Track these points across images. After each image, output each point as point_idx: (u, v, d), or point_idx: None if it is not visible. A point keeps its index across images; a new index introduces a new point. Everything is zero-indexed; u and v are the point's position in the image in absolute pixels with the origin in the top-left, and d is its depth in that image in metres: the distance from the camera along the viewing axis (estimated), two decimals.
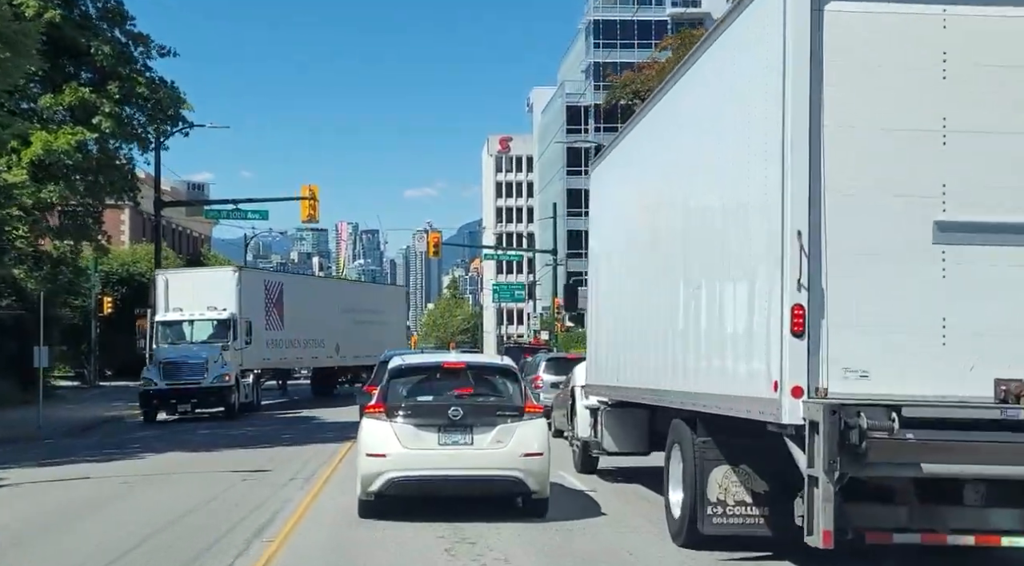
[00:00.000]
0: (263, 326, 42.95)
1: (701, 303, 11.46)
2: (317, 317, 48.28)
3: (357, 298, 55.89)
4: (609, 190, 17.27)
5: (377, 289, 67.98)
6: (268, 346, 43.71)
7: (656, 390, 13.72)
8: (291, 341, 46.20)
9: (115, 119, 47.31)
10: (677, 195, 12.52)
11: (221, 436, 29.78)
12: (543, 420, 14.63)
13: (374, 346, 52.52)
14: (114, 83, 47.32)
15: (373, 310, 55.62)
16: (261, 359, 42.85)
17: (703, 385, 11.36)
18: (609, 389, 17.15)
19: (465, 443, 14.06)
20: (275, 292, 45.23)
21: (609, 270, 17.18)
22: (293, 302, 46.17)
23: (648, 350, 14.28)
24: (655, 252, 13.84)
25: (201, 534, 13.54)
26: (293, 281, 51.08)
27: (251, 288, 42.33)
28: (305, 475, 19.93)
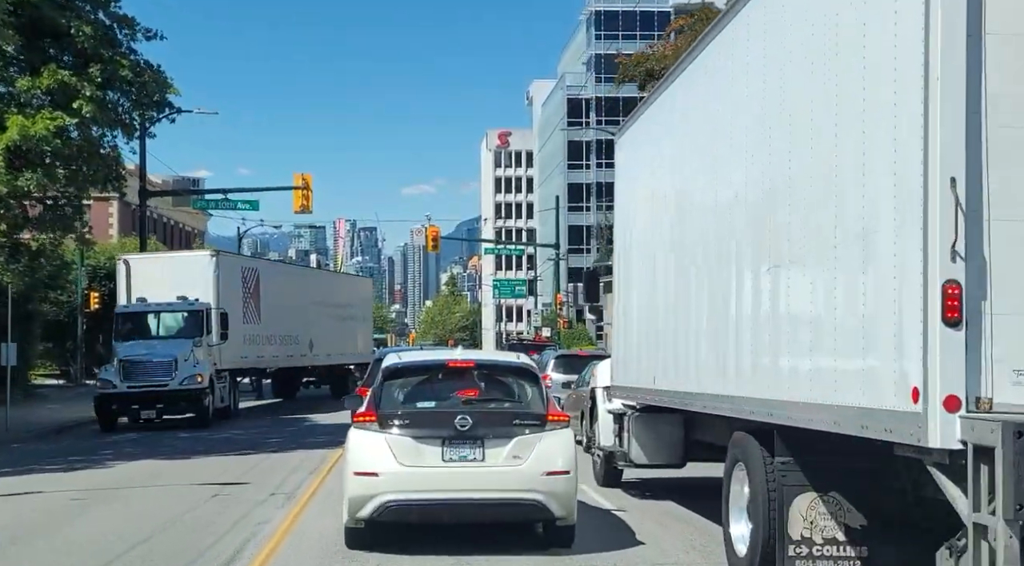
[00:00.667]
0: (240, 319, 37.17)
1: (783, 286, 8.91)
2: (292, 310, 43.24)
3: (328, 289, 49.81)
4: (643, 160, 14.66)
5: (345, 279, 58.69)
6: (245, 342, 38.10)
7: (708, 395, 11.20)
8: (268, 337, 40.63)
9: (96, 103, 44.56)
10: (745, 149, 9.93)
11: (202, 441, 27.24)
12: (569, 431, 12.10)
13: (345, 343, 48.84)
14: (96, 66, 44.60)
15: (342, 303, 50.25)
16: (238, 357, 37.28)
17: (786, 390, 8.83)
18: (641, 392, 14.63)
19: (475, 459, 11.55)
20: (252, 281, 39.30)
21: (643, 254, 14.61)
22: (269, 292, 40.58)
23: (696, 347, 11.76)
24: (709, 227, 11.29)
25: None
26: (268, 268, 44.24)
27: (229, 275, 36.86)
28: (288, 489, 17.43)
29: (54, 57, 46.25)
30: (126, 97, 48.73)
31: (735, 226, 10.18)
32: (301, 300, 44.06)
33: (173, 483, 18.42)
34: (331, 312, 47.20)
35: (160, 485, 18.21)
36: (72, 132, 43.59)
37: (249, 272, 39.37)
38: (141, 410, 31.76)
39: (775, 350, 9.09)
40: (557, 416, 11.97)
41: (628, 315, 15.62)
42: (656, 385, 13.56)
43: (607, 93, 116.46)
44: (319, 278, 53.03)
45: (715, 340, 10.96)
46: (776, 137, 9.17)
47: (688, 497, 16.45)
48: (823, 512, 8.88)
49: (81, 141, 45.26)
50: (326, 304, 46.84)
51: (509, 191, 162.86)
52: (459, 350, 12.91)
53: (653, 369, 13.77)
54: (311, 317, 44.76)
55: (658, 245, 13.63)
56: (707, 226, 11.22)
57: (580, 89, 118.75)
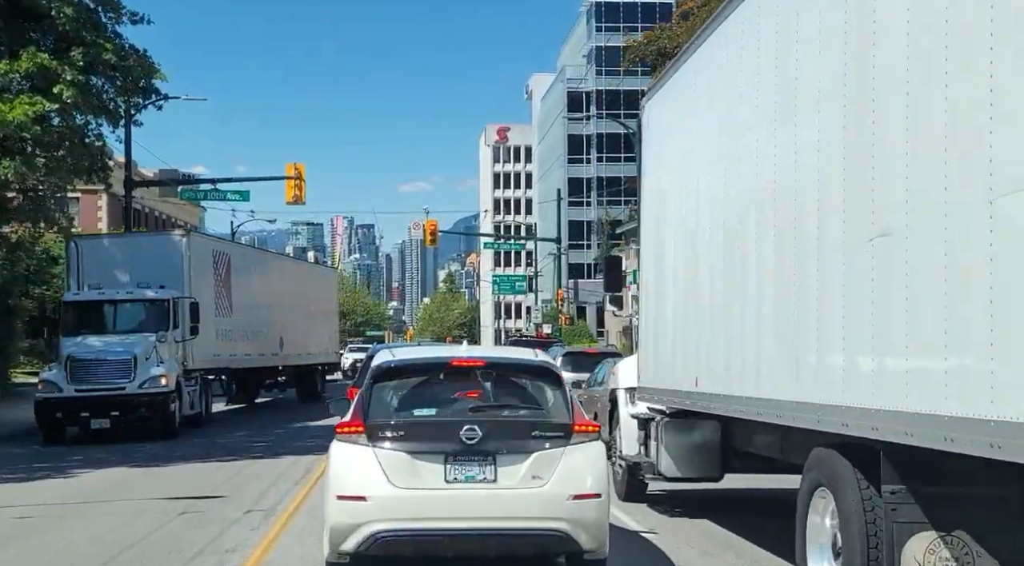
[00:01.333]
0: (212, 311, 32.13)
1: (897, 260, 6.74)
2: (262, 301, 38.55)
3: (296, 279, 44.26)
4: (679, 120, 12.36)
5: (312, 269, 52.03)
6: (218, 338, 33.05)
7: (775, 402, 9.05)
8: (241, 332, 35.63)
9: (78, 88, 42.41)
10: (839, 84, 7.73)
11: (180, 446, 25.05)
12: (599, 444, 9.95)
13: (314, 340, 44.84)
14: (78, 50, 42.58)
15: (310, 295, 45.45)
16: (211, 356, 32.05)
17: (901, 398, 6.68)
18: (679, 396, 12.47)
19: (485, 480, 9.42)
20: (223, 267, 34.15)
21: (680, 234, 12.40)
22: (240, 281, 35.58)
23: (755, 341, 9.61)
24: (777, 190, 9.13)
25: None
26: (239, 253, 38.26)
27: (200, 260, 31.93)
28: (267, 504, 15.32)
29: (34, 40, 44.13)
30: (110, 83, 46.70)
31: (822, 186, 8.00)
32: (271, 291, 39.84)
33: (140, 496, 16.30)
34: (300, 305, 43.08)
35: (125, 499, 16.07)
36: (53, 118, 41.48)
37: (220, 257, 34.27)
38: (92, 419, 26.09)
39: (884, 345, 6.93)
40: (585, 426, 9.82)
41: (661, 305, 13.44)
42: (699, 388, 11.40)
43: (608, 86, 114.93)
44: (288, 266, 46.73)
45: (784, 332, 8.81)
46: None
47: (726, 514, 14.38)
48: (946, 557, 6.77)
49: (63, 128, 43.08)
50: (295, 296, 42.57)
51: (508, 187, 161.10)
52: (465, 346, 10.69)
53: (694, 368, 11.62)
54: (281, 310, 40.47)
55: (701, 219, 11.46)
56: (772, 189, 9.04)
57: (580, 81, 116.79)
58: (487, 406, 9.94)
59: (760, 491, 16.31)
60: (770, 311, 9.14)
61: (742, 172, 9.95)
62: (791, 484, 16.18)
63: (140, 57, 45.40)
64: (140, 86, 46.69)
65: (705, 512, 14.54)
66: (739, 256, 10.07)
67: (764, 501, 15.79)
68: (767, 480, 15.62)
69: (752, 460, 13.50)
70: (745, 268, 9.85)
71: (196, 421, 29.70)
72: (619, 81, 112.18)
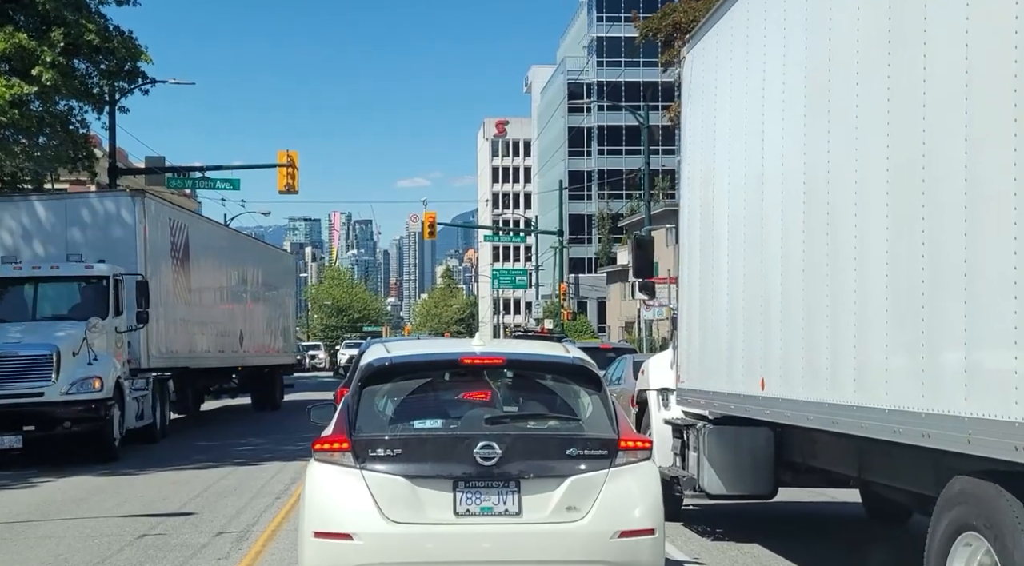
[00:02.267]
0: (170, 295, 26.10)
1: None
2: (223, 287, 32.69)
3: (257, 262, 37.19)
4: (747, 58, 10.01)
5: (270, 252, 42.23)
6: (178, 329, 26.72)
7: (882, 412, 6.87)
8: (201, 324, 29.37)
9: (59, 70, 40.25)
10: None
11: (158, 449, 22.86)
12: (651, 465, 7.80)
13: (274, 336, 39.10)
14: (58, 30, 40.53)
15: (270, 283, 38.73)
16: (168, 352, 25.57)
17: None
18: (735, 400, 10.28)
19: (507, 512, 7.29)
20: (181, 240, 27.42)
21: (740, 208, 10.13)
22: (200, 260, 29.03)
23: (855, 334, 7.41)
24: (879, 150, 6.96)
25: None
26: (199, 224, 30.94)
27: (157, 230, 25.27)
28: (242, 524, 13.16)
29: (11, 19, 41.93)
30: (94, 66, 44.59)
31: (983, 120, 5.79)
32: (232, 274, 33.74)
33: (97, 513, 14.15)
34: (260, 294, 36.96)
35: (78, 517, 13.90)
36: (33, 102, 39.29)
37: (178, 228, 27.18)
38: None
39: None
40: (634, 442, 7.65)
41: (711, 294, 11.21)
42: (766, 392, 9.21)
43: (609, 77, 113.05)
44: (247, 246, 37.99)
45: (906, 325, 6.63)
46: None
47: (778, 536, 12.30)
48: None
49: (43, 113, 40.94)
50: (255, 282, 36.37)
51: (507, 180, 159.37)
52: (477, 339, 8.47)
53: (760, 369, 9.42)
54: (242, 299, 34.68)
55: (770, 186, 9.24)
56: (886, 138, 6.83)
57: (581, 73, 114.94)
58: (508, 416, 7.79)
59: (812, 507, 14.22)
60: (881, 299, 6.95)
61: (840, 120, 7.73)
62: (844, 498, 14.26)
63: (125, 39, 43.23)
64: (125, 69, 44.71)
65: (753, 534, 12.42)
66: (828, 230, 7.86)
67: (821, 520, 13.70)
68: (813, 493, 13.56)
69: (808, 474, 11.47)
70: (840, 245, 7.64)
71: (148, 435, 23.51)
72: (620, 72, 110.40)
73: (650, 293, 14.11)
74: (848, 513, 13.62)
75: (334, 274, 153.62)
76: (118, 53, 42.70)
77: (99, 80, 44.40)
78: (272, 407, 35.84)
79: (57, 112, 40.55)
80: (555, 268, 76.57)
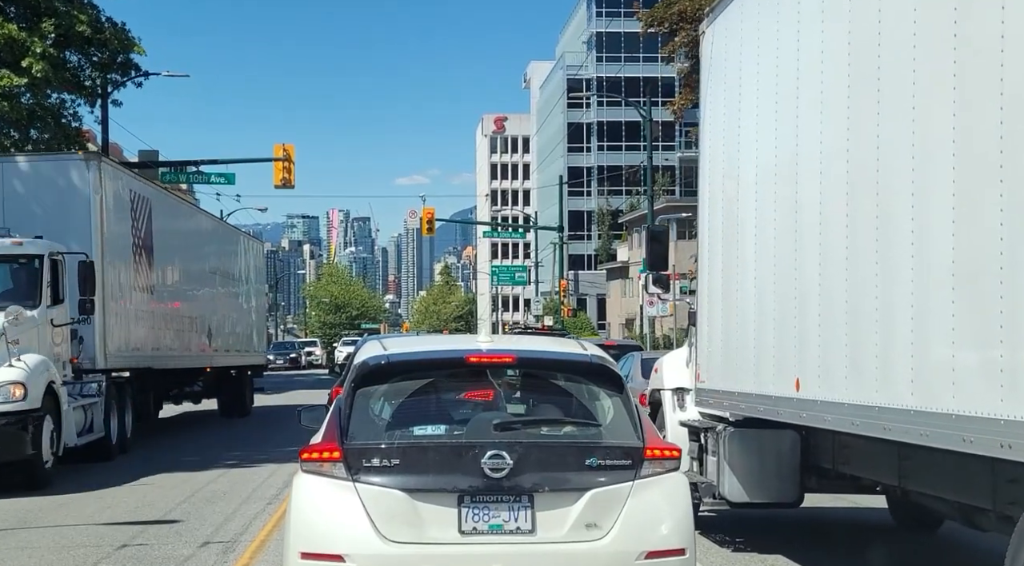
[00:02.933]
0: (131, 281, 22.15)
1: None
2: (189, 274, 28.23)
3: (225, 248, 32.90)
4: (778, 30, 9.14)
5: (239, 237, 36.13)
6: (140, 323, 22.74)
7: (947, 417, 6.04)
8: (165, 317, 25.06)
9: (50, 62, 39.45)
10: None
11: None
12: (680, 477, 6.98)
13: (244, 333, 34.66)
14: (49, 20, 39.78)
15: (239, 273, 34.29)
16: (129, 349, 21.71)
17: None
18: (764, 401, 9.44)
19: (519, 530, 6.47)
20: (143, 217, 23.15)
21: (770, 194, 9.28)
22: (163, 242, 24.67)
23: (912, 334, 6.57)
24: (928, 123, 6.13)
25: None
26: (163, 200, 25.93)
27: (116, 204, 21.23)
28: (229, 533, 12.34)
29: (1, 10, 41.18)
30: (85, 57, 43.78)
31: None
32: (199, 259, 29.45)
33: (76, 521, 13.32)
34: (229, 284, 32.75)
35: (56, 524, 13.07)
36: (23, 95, 38.48)
37: (140, 202, 22.95)
38: None
39: None
40: (661, 450, 6.82)
41: (735, 288, 10.36)
42: (801, 393, 8.38)
43: (609, 73, 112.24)
44: (218, 230, 33.36)
45: (978, 315, 5.80)
46: None
47: (802, 546, 11.58)
48: None
49: (34, 105, 40.09)
50: (225, 271, 32.21)
51: (505, 177, 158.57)
52: (484, 335, 7.60)
53: (793, 368, 8.59)
54: (211, 288, 30.48)
55: (805, 168, 8.39)
56: (955, 109, 5.99)
57: (580, 68, 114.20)
58: (520, 422, 6.96)
59: (836, 513, 13.41)
60: (947, 289, 6.12)
61: (894, 93, 6.89)
62: (869, 503, 13.44)
63: (117, 30, 42.48)
64: (118, 61, 43.93)
65: (776, 543, 11.61)
66: (877, 213, 7.02)
67: (846, 528, 12.88)
68: (834, 498, 12.74)
69: (836, 480, 10.70)
70: (894, 232, 6.80)
71: (101, 451, 19.26)
72: (620, 68, 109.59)
73: (664, 287, 13.29)
74: (874, 520, 12.82)
75: (332, 271, 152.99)
76: (110, 44, 41.94)
77: (91, 72, 43.65)
78: (241, 413, 31.83)
79: (49, 105, 39.78)
80: (555, 265, 75.83)
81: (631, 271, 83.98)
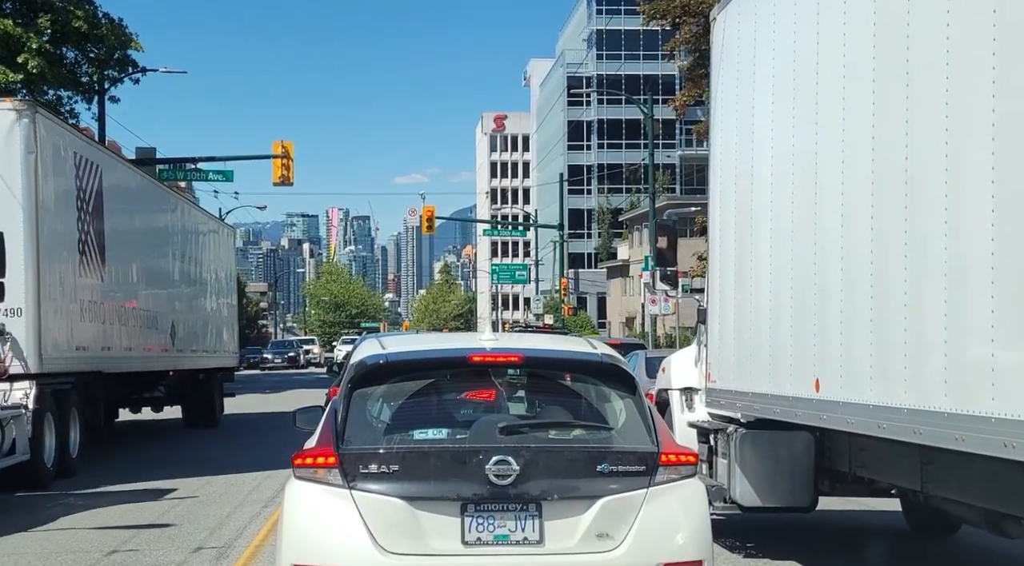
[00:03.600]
0: (75, 263, 18.32)
1: None
2: (148, 259, 23.66)
3: (191, 233, 28.07)
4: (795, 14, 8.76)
5: (208, 222, 31.72)
6: (87, 316, 18.84)
7: (988, 420, 5.63)
8: (118, 310, 20.84)
9: (46, 58, 39.10)
10: None
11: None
12: (697, 483, 6.59)
13: (213, 332, 30.10)
14: (45, 16, 39.46)
15: (208, 262, 29.81)
16: (73, 349, 17.99)
17: None
18: (780, 403, 9.04)
19: (526, 541, 6.10)
20: (91, 185, 19.19)
21: (787, 185, 8.83)
22: (118, 216, 20.86)
23: (945, 331, 6.16)
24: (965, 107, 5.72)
25: None
26: (116, 171, 21.53)
27: (55, 165, 17.48)
28: (223, 538, 11.95)
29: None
30: (82, 54, 43.38)
31: None
32: (160, 245, 24.80)
33: (68, 524, 12.92)
34: (197, 274, 28.35)
35: (45, 529, 12.66)
36: (19, 91, 38.07)
37: (88, 172, 19.07)
38: None
39: None
40: (677, 455, 6.43)
41: (747, 282, 9.95)
42: (823, 394, 7.96)
43: (609, 70, 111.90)
44: (180, 210, 27.43)
45: (1017, 313, 5.39)
46: None
47: (817, 552, 11.28)
48: None
49: (30, 101, 39.69)
50: (190, 260, 27.44)
51: (505, 176, 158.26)
52: (488, 333, 7.17)
53: (813, 368, 8.17)
54: (173, 279, 25.81)
55: (825, 157, 7.96)
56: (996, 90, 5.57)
57: (580, 66, 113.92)
58: (527, 425, 6.55)
59: (849, 516, 13.03)
60: (985, 283, 5.71)
61: (924, 77, 6.48)
62: (881, 506, 13.05)
63: (114, 26, 42.19)
64: (115, 57, 43.61)
65: (789, 548, 11.24)
66: (906, 203, 6.61)
67: (860, 532, 12.48)
68: (846, 501, 12.33)
69: (851, 483, 10.32)
70: (925, 224, 6.38)
71: (29, 478, 15.51)
72: (620, 65, 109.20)
73: (672, 283, 12.89)
74: (888, 524, 12.43)
75: (332, 270, 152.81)
76: (107, 40, 41.66)
77: (88, 68, 43.36)
78: (208, 423, 27.26)
79: (45, 102, 39.42)
80: (555, 263, 75.51)
81: (631, 269, 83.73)
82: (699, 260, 31.05)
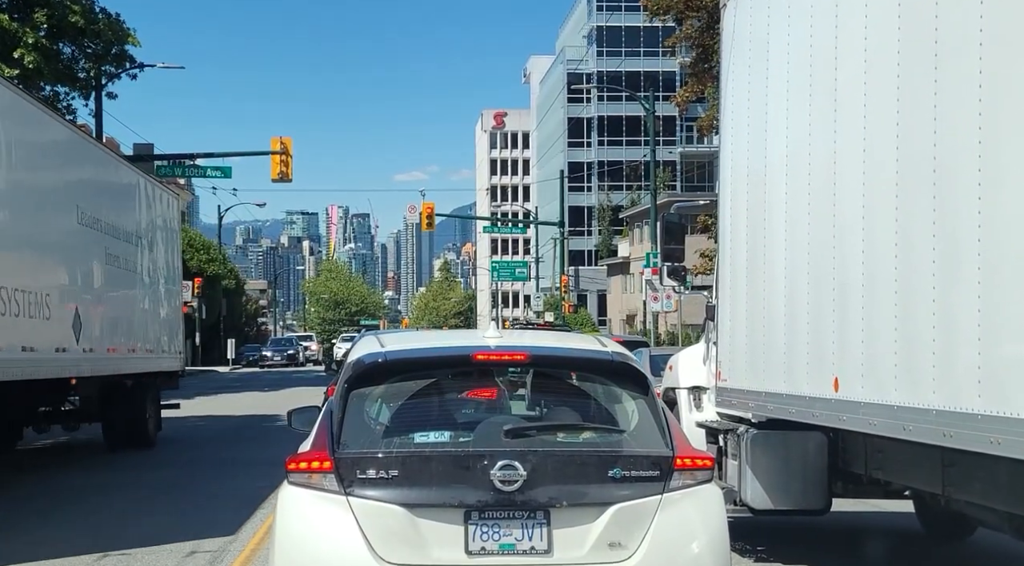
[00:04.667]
0: None
1: None
2: (48, 232, 16.73)
3: (110, 194, 20.46)
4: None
5: (134, 180, 22.18)
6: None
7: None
8: (5, 299, 14.27)
9: (42, 53, 38.74)
10: None
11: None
12: (713, 488, 6.26)
13: (137, 328, 21.79)
14: (41, 11, 39.13)
15: (137, 232, 21.99)
16: None
17: None
18: (796, 403, 8.69)
19: (533, 550, 5.77)
20: None
21: (803, 177, 8.51)
22: (9, 174, 14.80)
23: (979, 326, 5.82)
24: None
25: None
26: (13, 111, 15.02)
27: None
28: (216, 541, 11.58)
29: None
30: (79, 49, 43.01)
31: None
32: (66, 208, 17.62)
33: (64, 519, 12.58)
34: (121, 250, 20.57)
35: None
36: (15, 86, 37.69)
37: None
38: None
39: None
40: (693, 459, 6.09)
41: (760, 278, 9.60)
42: (843, 394, 7.61)
43: (609, 67, 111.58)
44: (97, 160, 20.15)
45: None
46: None
47: (830, 556, 10.93)
48: None
49: None
50: (109, 230, 19.78)
51: (505, 173, 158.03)
52: (492, 330, 6.81)
53: (832, 367, 7.83)
54: (83, 257, 18.40)
55: (846, 147, 7.61)
56: None
57: (580, 63, 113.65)
58: (534, 428, 6.21)
59: (861, 518, 12.68)
60: (1021, 281, 5.36)
61: (953, 62, 6.13)
62: (897, 508, 12.70)
63: (111, 21, 41.85)
64: (112, 53, 43.26)
65: (801, 552, 10.93)
66: (935, 193, 6.25)
67: (874, 535, 12.13)
68: (857, 503, 11.99)
69: (866, 486, 9.98)
70: (951, 218, 6.03)
71: None
72: (620, 62, 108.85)
73: (681, 279, 12.53)
74: (902, 526, 12.10)
75: (331, 267, 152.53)
76: (104, 36, 41.33)
77: (85, 64, 43.02)
78: (139, 443, 20.72)
79: (42, 97, 39.08)
80: (555, 260, 75.24)
81: (632, 267, 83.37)
82: (701, 258, 30.74)
